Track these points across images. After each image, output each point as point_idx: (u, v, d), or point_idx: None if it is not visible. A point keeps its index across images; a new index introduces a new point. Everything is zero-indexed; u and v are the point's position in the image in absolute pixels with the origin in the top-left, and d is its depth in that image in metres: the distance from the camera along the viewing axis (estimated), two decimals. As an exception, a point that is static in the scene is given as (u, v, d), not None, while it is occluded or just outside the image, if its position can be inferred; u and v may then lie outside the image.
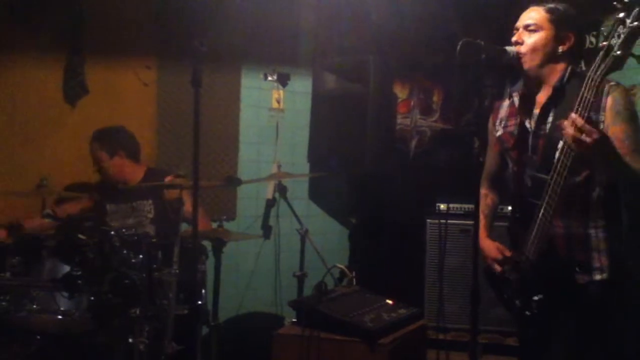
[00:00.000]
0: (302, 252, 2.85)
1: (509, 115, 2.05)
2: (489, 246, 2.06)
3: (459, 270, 3.27)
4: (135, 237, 2.43)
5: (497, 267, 2.02)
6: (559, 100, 1.88)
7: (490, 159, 2.17)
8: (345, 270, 2.49)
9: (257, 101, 3.96)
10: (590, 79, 1.59)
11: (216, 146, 3.82)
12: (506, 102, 2.08)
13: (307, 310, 2.24)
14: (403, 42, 3.88)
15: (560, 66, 1.90)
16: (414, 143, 4.02)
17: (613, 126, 1.77)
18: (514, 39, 1.92)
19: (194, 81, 1.86)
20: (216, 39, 3.54)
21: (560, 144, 1.72)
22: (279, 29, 3.90)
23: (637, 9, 1.49)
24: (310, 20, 3.96)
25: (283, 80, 3.94)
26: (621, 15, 1.51)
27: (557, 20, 1.88)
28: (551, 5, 1.91)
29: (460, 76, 3.37)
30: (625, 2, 1.51)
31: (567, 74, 1.89)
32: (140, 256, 2.36)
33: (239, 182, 2.92)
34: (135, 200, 3.14)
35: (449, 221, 3.39)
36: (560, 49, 1.90)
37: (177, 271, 2.39)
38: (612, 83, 1.80)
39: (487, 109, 2.13)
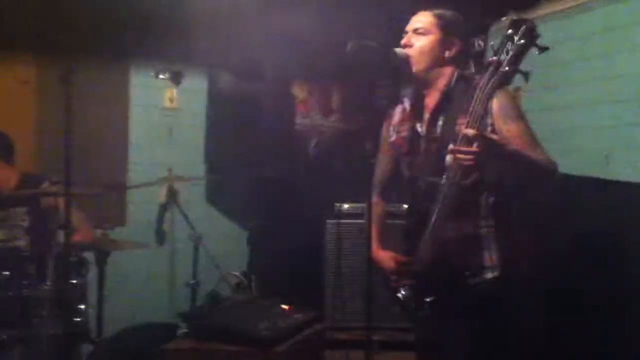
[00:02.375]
0: (195, 259, 2.69)
1: (402, 120, 2.05)
2: (383, 257, 2.05)
3: (359, 270, 3.26)
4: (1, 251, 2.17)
5: (393, 278, 2.00)
6: (448, 104, 1.90)
7: (383, 165, 2.16)
8: (240, 277, 2.37)
9: (148, 100, 3.75)
10: (481, 93, 1.60)
11: (103, 148, 3.56)
12: (399, 108, 2.09)
13: (197, 322, 2.11)
14: (301, 41, 3.82)
15: (448, 70, 1.92)
16: (313, 143, 3.97)
17: (505, 126, 1.79)
18: (403, 41, 1.94)
19: (63, 78, 1.67)
20: (101, 33, 3.29)
21: (451, 147, 1.74)
22: (171, 24, 3.70)
23: (525, 26, 1.51)
24: (205, 15, 3.80)
25: (176, 78, 3.75)
26: (509, 32, 1.53)
27: (445, 26, 1.91)
28: (439, 11, 1.95)
29: (356, 77, 3.39)
30: (514, 20, 1.53)
31: (454, 78, 1.91)
32: (6, 272, 2.10)
33: (120, 188, 2.71)
34: (7, 207, 2.84)
35: (347, 221, 3.39)
36: (447, 53, 1.92)
37: (51, 287, 2.16)
38: None
39: (381, 111, 2.14)
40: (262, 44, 3.76)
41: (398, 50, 1.91)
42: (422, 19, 1.93)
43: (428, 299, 1.88)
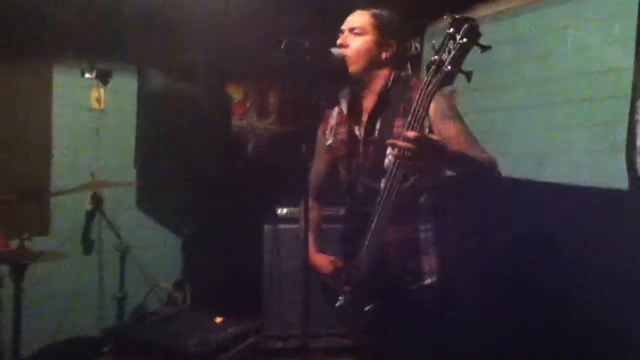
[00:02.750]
0: (122, 270, 2.52)
1: (339, 123, 2.01)
2: (321, 261, 2.01)
3: (298, 276, 3.16)
4: None
5: (332, 283, 1.96)
6: (385, 106, 1.87)
7: (319, 169, 2.13)
8: (170, 288, 2.23)
9: (73, 100, 3.51)
10: (423, 94, 1.54)
11: (24, 151, 3.31)
12: (335, 110, 2.05)
13: (122, 337, 1.95)
14: (236, 41, 3.69)
15: (384, 72, 1.90)
16: (250, 146, 3.86)
17: (443, 125, 1.77)
18: (339, 41, 1.89)
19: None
20: (22, 27, 3.05)
21: (389, 151, 1.71)
22: (99, 19, 3.49)
23: (467, 25, 1.46)
24: (136, 11, 3.60)
25: (104, 77, 3.54)
26: (451, 30, 1.48)
27: (382, 26, 1.88)
28: (376, 11, 1.91)
29: (291, 77, 3.31)
30: (456, 18, 1.48)
31: (391, 80, 1.88)
32: None
33: (42, 194, 2.51)
34: None
35: (286, 226, 3.29)
36: (384, 55, 1.89)
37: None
38: None
39: (319, 113, 2.09)
40: (196, 43, 3.61)
41: (334, 50, 1.86)
42: (359, 19, 1.89)
43: (367, 308, 1.83)
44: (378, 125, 1.86)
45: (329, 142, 2.04)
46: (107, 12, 3.49)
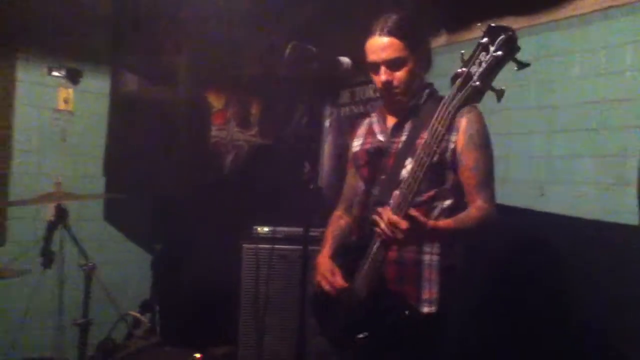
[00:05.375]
0: (87, 293, 2.26)
1: (367, 133, 1.96)
2: (326, 265, 1.84)
3: (278, 299, 2.96)
4: None
5: (328, 287, 1.79)
6: (414, 119, 1.80)
7: (349, 179, 2.04)
8: (140, 318, 1.99)
9: (38, 100, 3.24)
10: (444, 110, 1.41)
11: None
12: (366, 120, 2.00)
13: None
14: (220, 48, 3.47)
15: (422, 87, 1.84)
16: (229, 158, 3.63)
17: (466, 151, 1.70)
18: (383, 78, 1.75)
19: None
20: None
21: (409, 162, 1.63)
22: (69, 14, 3.22)
23: (504, 35, 1.28)
24: (109, 8, 3.35)
25: (73, 77, 3.28)
26: (484, 40, 1.30)
27: (415, 47, 1.76)
28: (402, 31, 1.74)
29: (283, 88, 3.12)
30: (492, 27, 1.30)
31: (424, 96, 1.82)
32: None
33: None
34: None
35: (266, 246, 3.08)
36: (423, 72, 1.84)
37: None
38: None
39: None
40: (176, 45, 3.39)
41: (342, 58, 1.77)
42: (392, 51, 1.74)
43: (360, 336, 1.70)
44: (403, 138, 1.78)
45: (355, 150, 1.97)
46: (80, 7, 3.25)
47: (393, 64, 1.74)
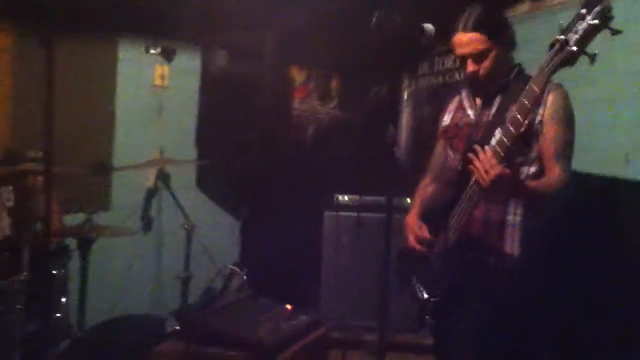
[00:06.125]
0: (188, 251, 2.47)
1: (457, 108, 2.06)
2: (414, 223, 2.02)
3: (356, 266, 3.09)
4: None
5: (416, 245, 1.96)
6: (502, 94, 1.89)
7: (437, 152, 2.15)
8: (237, 271, 2.17)
9: (137, 77, 3.49)
10: (541, 72, 1.56)
11: (88, 126, 3.31)
12: (457, 97, 2.09)
13: (191, 323, 1.91)
14: (303, 23, 3.59)
15: (509, 66, 1.93)
16: (311, 130, 3.77)
17: (548, 124, 1.80)
18: (470, 69, 1.87)
19: (44, 42, 1.43)
20: (86, 2, 3.02)
21: (497, 133, 1.71)
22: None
23: (599, 7, 1.45)
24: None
25: (168, 55, 3.49)
26: (583, 11, 1.48)
27: (496, 34, 1.85)
28: (481, 23, 1.83)
29: (364, 62, 3.19)
30: None
31: (514, 72, 1.92)
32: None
33: (105, 170, 2.48)
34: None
35: (347, 214, 3.21)
36: (508, 55, 1.91)
37: (26, 278, 1.92)
38: (555, 82, 1.79)
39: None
40: (260, 23, 3.54)
41: (426, 25, 1.77)
42: (475, 44, 1.84)
43: (443, 284, 1.84)
44: (493, 111, 1.88)
45: (445, 123, 2.08)
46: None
47: (478, 56, 1.84)
